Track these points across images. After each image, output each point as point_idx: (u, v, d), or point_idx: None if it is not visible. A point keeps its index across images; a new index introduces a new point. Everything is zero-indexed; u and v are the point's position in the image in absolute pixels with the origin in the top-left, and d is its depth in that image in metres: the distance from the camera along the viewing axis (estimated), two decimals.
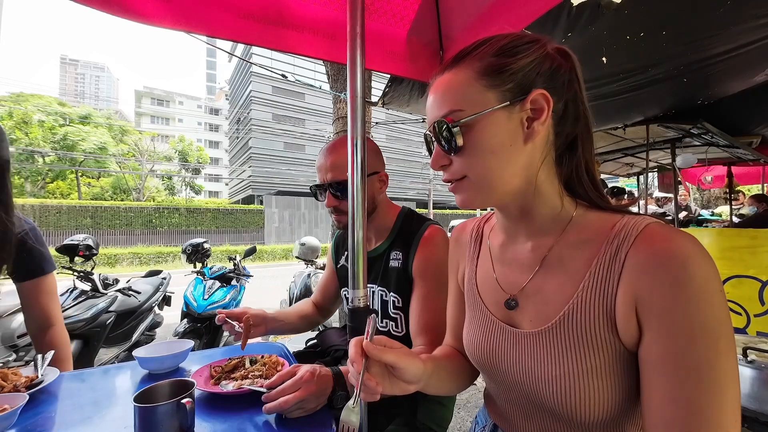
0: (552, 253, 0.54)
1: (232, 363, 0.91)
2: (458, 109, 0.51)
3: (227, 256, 3.78)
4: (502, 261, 0.62)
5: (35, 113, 23.22)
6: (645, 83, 2.26)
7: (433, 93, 0.55)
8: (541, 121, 0.50)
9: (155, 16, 0.99)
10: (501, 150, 0.51)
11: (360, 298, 0.71)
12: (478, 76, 0.51)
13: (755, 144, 3.91)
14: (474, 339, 0.62)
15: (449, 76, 0.53)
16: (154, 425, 0.60)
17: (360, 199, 0.72)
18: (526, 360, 0.53)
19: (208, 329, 2.92)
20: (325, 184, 1.04)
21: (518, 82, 0.50)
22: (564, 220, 0.54)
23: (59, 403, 0.79)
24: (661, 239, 0.44)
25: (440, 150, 0.55)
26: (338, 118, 2.88)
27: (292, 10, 1.18)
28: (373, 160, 1.06)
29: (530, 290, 0.55)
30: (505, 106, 0.50)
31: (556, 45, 0.53)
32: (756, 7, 1.52)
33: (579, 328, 0.48)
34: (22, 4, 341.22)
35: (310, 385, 0.73)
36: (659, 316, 0.42)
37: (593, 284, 0.48)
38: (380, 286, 1.08)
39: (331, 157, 1.03)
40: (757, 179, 6.01)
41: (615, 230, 0.49)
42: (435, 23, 1.41)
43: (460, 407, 2.28)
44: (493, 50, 0.51)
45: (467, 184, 0.54)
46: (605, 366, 0.46)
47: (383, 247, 1.09)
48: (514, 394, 0.57)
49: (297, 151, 30.09)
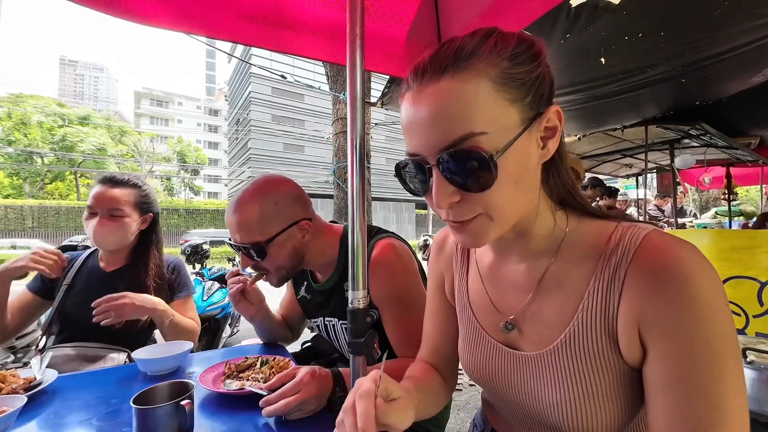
0: (548, 273, 0.51)
1: (248, 362, 0.91)
2: (480, 131, 0.40)
3: (226, 257, 3.78)
4: (493, 281, 0.58)
5: (34, 114, 23.19)
6: (643, 84, 2.27)
7: (430, 107, 0.42)
8: (555, 140, 0.45)
9: (155, 16, 0.99)
10: (522, 178, 0.44)
11: (359, 299, 0.71)
12: (497, 86, 0.41)
13: (753, 145, 3.92)
14: (472, 358, 0.60)
15: (453, 84, 0.41)
16: (152, 427, 0.60)
17: (359, 201, 0.71)
18: (529, 383, 0.51)
19: (207, 330, 2.92)
20: (236, 245, 0.90)
21: (535, 94, 0.43)
22: (558, 237, 0.51)
23: (58, 405, 0.79)
24: (660, 254, 0.42)
25: (449, 184, 0.43)
26: (338, 119, 2.89)
27: (291, 11, 1.18)
28: (289, 209, 0.93)
29: (528, 313, 0.53)
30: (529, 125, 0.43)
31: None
32: (753, 7, 1.53)
33: (582, 349, 0.46)
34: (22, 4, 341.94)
35: (310, 386, 0.73)
36: (664, 335, 0.40)
37: (593, 304, 0.46)
38: (343, 320, 1.00)
39: (236, 216, 0.89)
40: (755, 180, 6.03)
41: (611, 244, 0.46)
42: (434, 24, 1.41)
43: (459, 408, 2.28)
44: (506, 53, 0.42)
45: (480, 223, 0.45)
46: (610, 386, 0.45)
47: (334, 280, 1.00)
48: (515, 409, 0.56)
49: (296, 152, 30.09)
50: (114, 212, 1.21)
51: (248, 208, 0.88)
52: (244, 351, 1.13)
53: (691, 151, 4.05)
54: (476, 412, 0.75)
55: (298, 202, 0.96)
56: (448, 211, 0.45)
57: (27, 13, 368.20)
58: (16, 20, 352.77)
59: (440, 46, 0.45)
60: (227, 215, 0.92)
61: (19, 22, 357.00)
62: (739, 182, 6.30)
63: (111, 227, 1.21)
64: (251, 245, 0.88)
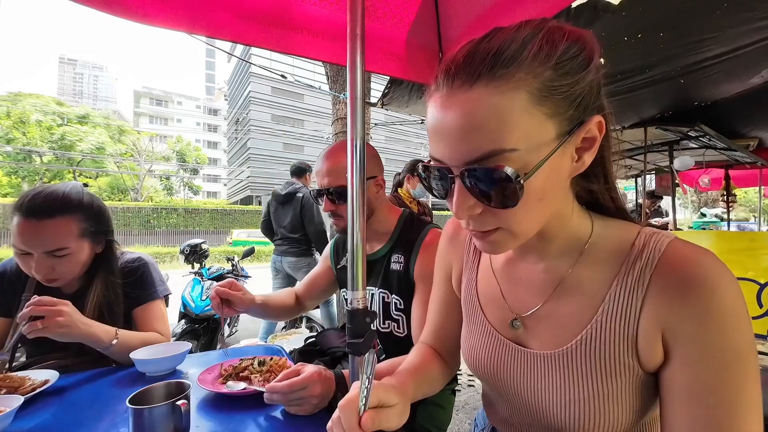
0: (569, 275, 0.50)
1: (244, 364, 0.92)
2: (510, 149, 0.37)
3: (225, 257, 3.77)
4: (507, 278, 0.58)
5: (33, 113, 23.15)
6: (642, 84, 2.27)
7: (459, 117, 0.38)
8: (591, 152, 0.43)
9: (155, 16, 0.99)
10: (550, 194, 0.43)
11: (359, 299, 0.71)
12: (536, 99, 0.37)
13: (752, 147, 3.93)
14: (476, 353, 0.60)
15: (486, 96, 0.37)
16: (148, 427, 0.60)
17: (359, 202, 0.71)
18: (537, 381, 0.51)
19: (206, 330, 2.91)
20: (323, 190, 1.04)
21: (579, 106, 0.40)
22: (581, 240, 0.50)
23: (56, 405, 0.79)
24: (686, 262, 0.42)
25: (471, 197, 0.41)
26: (337, 119, 2.88)
27: (292, 11, 1.18)
28: (371, 165, 1.06)
29: (542, 312, 0.52)
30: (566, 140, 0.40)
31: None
32: (752, 9, 1.53)
33: (598, 352, 0.46)
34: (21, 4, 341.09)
35: (316, 386, 0.74)
36: (690, 342, 0.41)
37: (614, 307, 0.46)
38: (381, 289, 1.08)
39: (328, 163, 1.03)
40: (754, 182, 6.03)
41: (635, 250, 0.46)
42: (434, 25, 1.41)
43: (458, 409, 2.28)
44: (552, 60, 0.38)
45: (501, 236, 0.44)
46: (622, 390, 0.45)
47: (384, 251, 1.10)
48: (516, 406, 0.56)
49: (296, 151, 30.07)
50: (55, 253, 0.93)
51: (339, 156, 1.02)
52: (243, 352, 1.13)
53: (690, 152, 4.05)
54: (477, 412, 0.75)
55: (377, 162, 1.10)
56: (468, 220, 0.44)
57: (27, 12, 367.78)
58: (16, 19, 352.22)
59: (478, 42, 0.41)
60: (318, 164, 1.05)
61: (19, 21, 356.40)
62: (737, 184, 6.31)
63: (56, 263, 0.95)
64: (336, 188, 1.01)
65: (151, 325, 1.10)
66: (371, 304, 1.10)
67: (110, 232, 1.09)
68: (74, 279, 1.04)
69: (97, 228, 1.03)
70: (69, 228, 0.95)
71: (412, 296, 1.02)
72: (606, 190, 0.51)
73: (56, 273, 0.96)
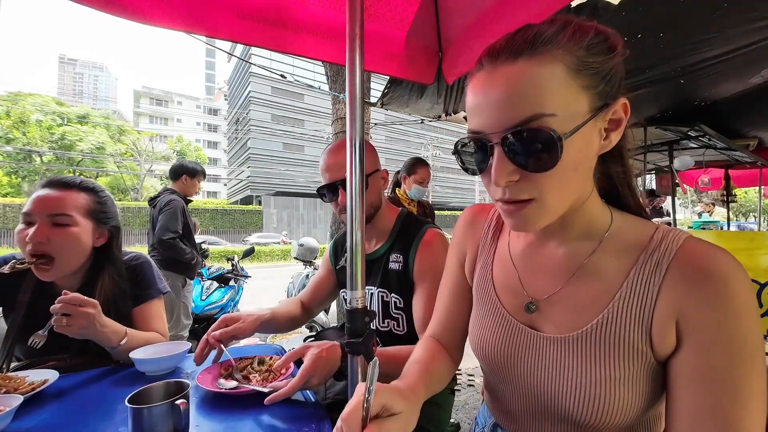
0: (588, 261, 0.52)
1: (243, 364, 0.92)
2: (550, 113, 0.41)
3: (225, 257, 3.78)
4: (526, 262, 0.59)
5: (33, 112, 23.15)
6: (642, 84, 2.27)
7: (502, 87, 0.43)
8: (618, 132, 0.47)
9: (155, 16, 0.99)
10: (582, 165, 0.46)
11: (358, 299, 0.71)
12: (572, 72, 0.42)
13: (752, 147, 3.93)
14: (487, 339, 0.60)
15: (529, 67, 0.42)
16: (148, 426, 0.60)
17: (358, 200, 0.71)
18: (549, 366, 0.52)
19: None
20: (337, 182, 1.04)
21: (607, 84, 0.45)
22: (601, 228, 0.52)
23: (56, 405, 0.79)
24: (702, 254, 0.44)
25: (510, 163, 0.44)
26: (337, 119, 2.88)
27: (291, 11, 1.18)
28: (373, 159, 1.08)
29: (558, 297, 0.53)
30: (597, 114, 0.44)
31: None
32: (752, 9, 1.53)
33: (612, 337, 0.47)
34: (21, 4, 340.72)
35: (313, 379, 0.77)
36: (702, 330, 0.42)
37: (631, 294, 0.47)
38: (381, 288, 1.09)
39: (336, 157, 1.04)
40: (754, 182, 6.03)
41: (654, 242, 0.48)
42: (434, 26, 1.41)
43: (458, 409, 2.28)
44: (583, 42, 0.43)
45: (533, 210, 0.46)
46: (634, 375, 0.46)
47: (383, 249, 1.10)
48: (522, 393, 0.56)
49: (296, 151, 30.09)
50: (58, 219, 0.94)
51: (344, 151, 1.02)
52: (243, 351, 1.13)
53: (690, 152, 4.05)
54: (477, 412, 0.74)
55: (377, 156, 1.12)
56: (505, 189, 0.46)
57: (27, 12, 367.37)
58: (16, 18, 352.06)
59: (516, 31, 0.46)
60: (325, 161, 1.06)
61: (19, 21, 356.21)
62: (737, 184, 6.30)
63: (53, 235, 0.92)
64: (343, 181, 1.02)
65: (150, 324, 1.10)
66: (371, 303, 1.11)
67: (116, 227, 1.10)
68: (71, 274, 1.02)
69: (103, 214, 1.06)
70: (78, 201, 1.00)
71: (412, 295, 1.03)
72: (626, 184, 0.54)
73: (50, 245, 0.93)
